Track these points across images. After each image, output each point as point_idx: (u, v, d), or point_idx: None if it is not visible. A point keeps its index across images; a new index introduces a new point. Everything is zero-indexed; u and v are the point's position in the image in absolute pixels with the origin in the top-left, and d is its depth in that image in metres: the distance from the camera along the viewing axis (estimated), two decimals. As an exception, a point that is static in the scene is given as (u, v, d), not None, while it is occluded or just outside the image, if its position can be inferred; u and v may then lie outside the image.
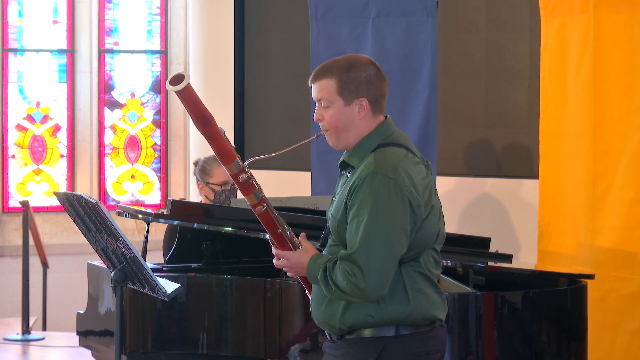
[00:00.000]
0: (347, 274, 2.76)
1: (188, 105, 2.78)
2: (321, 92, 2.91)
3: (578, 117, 4.89)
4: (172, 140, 7.80)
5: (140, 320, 4.08)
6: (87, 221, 3.38)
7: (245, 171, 2.84)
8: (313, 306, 2.98)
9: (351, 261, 2.76)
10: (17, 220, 7.29)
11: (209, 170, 4.59)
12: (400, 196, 2.78)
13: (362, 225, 2.76)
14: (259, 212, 2.90)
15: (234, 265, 4.26)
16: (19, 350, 6.08)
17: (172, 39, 7.75)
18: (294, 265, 2.92)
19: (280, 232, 2.92)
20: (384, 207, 2.76)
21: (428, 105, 5.31)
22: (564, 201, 4.98)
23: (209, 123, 2.80)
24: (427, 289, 2.89)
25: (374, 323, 2.84)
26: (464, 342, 3.73)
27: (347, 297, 2.80)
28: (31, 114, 7.55)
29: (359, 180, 2.80)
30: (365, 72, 2.90)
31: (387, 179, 2.77)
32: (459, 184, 6.20)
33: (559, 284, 4.01)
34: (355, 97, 2.88)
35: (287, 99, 7.04)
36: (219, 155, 2.83)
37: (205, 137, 2.81)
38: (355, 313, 2.85)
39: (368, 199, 2.76)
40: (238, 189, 2.88)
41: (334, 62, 2.93)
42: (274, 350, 3.88)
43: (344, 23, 5.53)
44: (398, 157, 2.85)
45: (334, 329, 2.91)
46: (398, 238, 2.78)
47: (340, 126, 2.90)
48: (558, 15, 4.96)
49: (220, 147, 2.82)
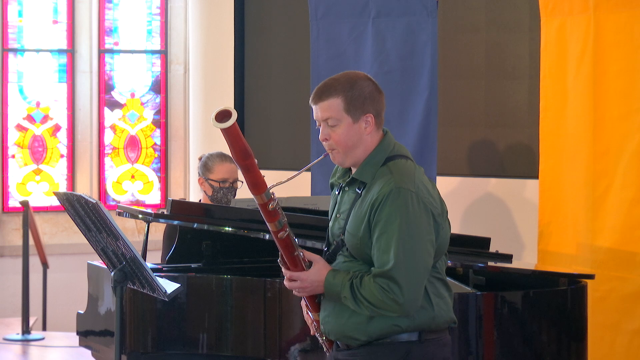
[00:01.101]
0: (384, 290, 2.79)
1: (232, 140, 2.80)
2: (328, 112, 2.90)
3: (578, 117, 4.88)
4: (172, 140, 7.80)
5: (140, 320, 4.08)
6: (87, 221, 3.38)
7: (274, 199, 2.86)
8: (330, 320, 2.97)
9: (387, 278, 2.79)
10: (17, 220, 7.30)
11: (210, 166, 4.61)
12: (424, 208, 2.83)
13: (393, 240, 2.79)
14: (280, 238, 2.90)
15: (234, 265, 4.26)
16: (19, 350, 6.08)
17: (172, 39, 7.75)
18: (309, 284, 2.93)
19: (297, 255, 2.92)
20: (412, 221, 2.80)
21: (428, 105, 5.30)
22: (564, 201, 4.98)
23: (249, 156, 2.83)
24: (444, 293, 2.95)
25: (400, 331, 2.88)
26: (464, 342, 3.73)
27: (382, 311, 2.83)
28: (31, 114, 7.56)
29: (382, 196, 2.82)
30: (367, 87, 2.91)
31: (410, 193, 2.81)
32: (459, 184, 6.20)
33: (559, 284, 4.01)
34: (362, 114, 2.89)
35: (287, 98, 7.04)
36: (252, 185, 2.84)
37: (243, 169, 2.84)
38: (381, 324, 2.88)
39: (396, 214, 2.79)
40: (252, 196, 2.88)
41: (335, 81, 2.93)
42: (274, 350, 3.88)
43: (344, 23, 5.53)
44: (411, 169, 2.90)
45: (356, 341, 2.92)
46: (427, 250, 2.83)
47: (350, 144, 2.90)
48: (558, 15, 4.96)
49: (255, 178, 2.84)
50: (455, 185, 6.17)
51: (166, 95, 7.77)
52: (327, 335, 3.02)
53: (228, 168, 4.58)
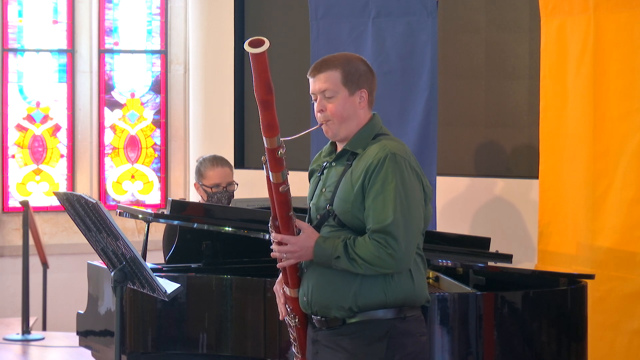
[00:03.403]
0: (381, 245, 2.89)
1: (260, 71, 2.85)
2: (326, 83, 3.02)
3: (578, 117, 4.88)
4: (172, 140, 7.80)
5: (140, 320, 4.08)
6: (87, 221, 3.38)
7: (283, 147, 2.93)
8: (315, 290, 3.01)
9: (385, 233, 2.89)
10: (17, 220, 7.30)
11: (203, 171, 4.62)
12: (416, 175, 2.98)
13: (390, 200, 2.90)
14: (282, 191, 2.96)
15: (234, 265, 4.26)
16: (19, 350, 6.08)
17: (172, 39, 7.75)
18: (299, 248, 2.97)
19: (291, 215, 2.98)
20: (407, 184, 2.94)
21: (428, 105, 5.30)
22: (564, 201, 4.98)
23: (271, 92, 2.88)
24: (423, 270, 3.06)
25: (384, 304, 2.95)
26: (464, 342, 3.73)
27: (377, 268, 2.91)
28: (31, 114, 7.56)
29: (378, 160, 2.94)
30: (362, 66, 3.08)
31: (404, 159, 2.96)
32: (459, 184, 6.20)
33: (559, 284, 4.01)
34: (358, 88, 3.04)
35: (287, 99, 7.03)
36: (266, 125, 2.90)
37: (262, 105, 2.88)
38: (367, 294, 2.95)
39: (392, 177, 2.92)
40: (268, 164, 2.94)
41: (333, 57, 3.09)
42: (274, 350, 3.88)
43: (344, 23, 5.53)
44: (402, 144, 3.04)
45: (342, 310, 2.96)
46: (420, 213, 2.98)
47: (345, 115, 3.03)
48: (558, 15, 4.96)
49: (271, 118, 2.90)
50: (455, 185, 6.17)
51: (166, 95, 7.77)
52: (308, 309, 3.04)
53: (220, 172, 4.59)
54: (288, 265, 3.03)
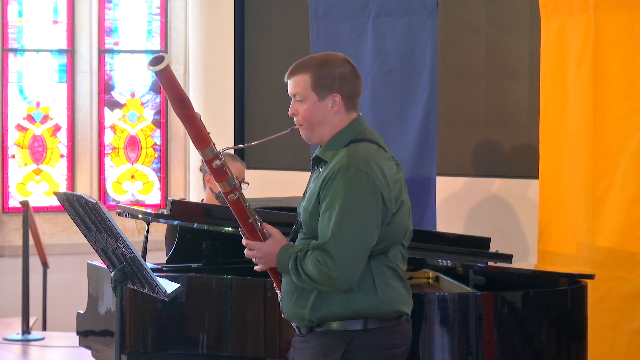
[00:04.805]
0: (319, 263, 2.81)
1: (167, 86, 2.80)
2: (296, 87, 3.01)
3: (578, 117, 4.88)
4: (172, 140, 7.80)
5: (140, 320, 4.08)
6: (87, 221, 3.38)
7: (220, 157, 2.90)
8: (283, 299, 3.03)
9: (323, 250, 2.82)
10: (17, 220, 7.30)
11: None
12: (372, 189, 2.85)
13: (334, 216, 2.82)
14: (230, 200, 2.94)
15: (234, 265, 4.26)
16: (19, 350, 6.08)
17: (172, 39, 7.75)
18: (264, 255, 2.97)
19: (251, 222, 2.96)
20: (357, 199, 2.83)
21: (428, 105, 5.31)
22: (564, 201, 4.98)
23: (186, 105, 2.83)
24: (394, 283, 2.96)
25: (343, 316, 2.90)
26: (464, 342, 3.73)
27: (318, 286, 2.86)
28: (31, 114, 7.56)
29: (332, 173, 2.86)
30: (340, 69, 2.98)
31: (360, 172, 2.84)
32: (459, 184, 6.20)
33: (559, 284, 4.01)
34: (329, 93, 2.97)
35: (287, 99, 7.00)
36: (195, 139, 2.87)
37: (183, 120, 2.85)
38: (325, 306, 2.91)
39: (341, 191, 2.83)
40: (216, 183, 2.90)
41: (310, 58, 3.03)
42: (274, 351, 3.88)
43: (344, 23, 5.53)
44: (370, 151, 2.92)
45: (303, 321, 2.96)
46: (369, 229, 2.84)
47: (314, 120, 2.99)
48: (558, 15, 4.96)
49: (197, 131, 2.86)
50: (455, 186, 6.17)
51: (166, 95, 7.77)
52: (284, 314, 3.05)
53: (237, 167, 4.63)
54: (260, 270, 3.04)
